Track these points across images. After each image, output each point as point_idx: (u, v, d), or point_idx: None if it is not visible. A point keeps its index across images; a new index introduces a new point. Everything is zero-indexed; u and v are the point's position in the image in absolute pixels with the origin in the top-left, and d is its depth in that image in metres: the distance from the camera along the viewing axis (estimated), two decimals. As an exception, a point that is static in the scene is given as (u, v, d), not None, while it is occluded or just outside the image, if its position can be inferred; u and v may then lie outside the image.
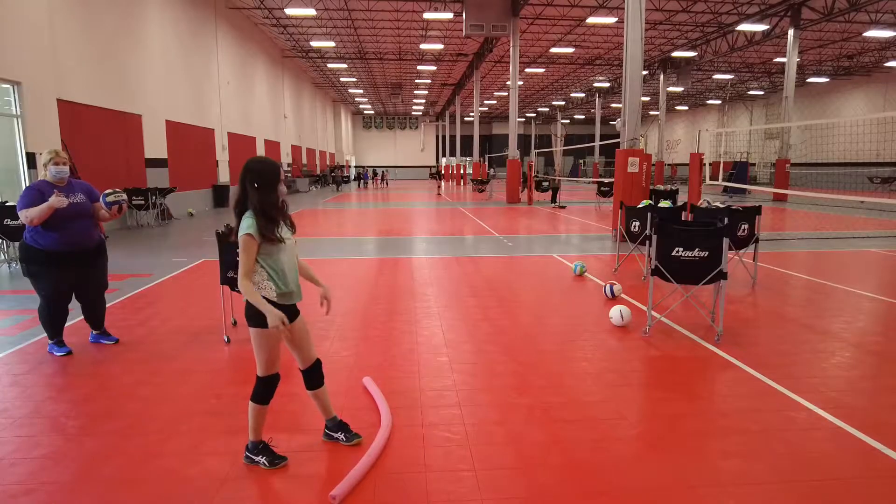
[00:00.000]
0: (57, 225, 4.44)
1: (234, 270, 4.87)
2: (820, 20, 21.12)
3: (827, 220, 15.70)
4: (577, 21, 23.60)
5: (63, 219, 4.45)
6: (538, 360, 4.64)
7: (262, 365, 2.92)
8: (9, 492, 2.79)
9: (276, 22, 24.81)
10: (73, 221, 4.54)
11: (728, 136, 39.48)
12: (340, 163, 49.37)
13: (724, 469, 3.00)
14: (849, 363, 4.60)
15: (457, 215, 17.89)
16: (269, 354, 2.90)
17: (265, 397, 2.97)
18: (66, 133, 11.33)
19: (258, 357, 2.91)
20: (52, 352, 4.75)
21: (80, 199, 4.60)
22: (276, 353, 2.93)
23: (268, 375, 2.94)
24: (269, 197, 2.82)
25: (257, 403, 2.96)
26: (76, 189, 4.64)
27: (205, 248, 10.39)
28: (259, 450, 3.01)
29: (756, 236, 7.26)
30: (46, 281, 4.57)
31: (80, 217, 4.59)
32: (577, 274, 7.95)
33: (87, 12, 12.61)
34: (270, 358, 2.92)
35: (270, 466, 2.97)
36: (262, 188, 2.81)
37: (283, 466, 2.99)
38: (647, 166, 11.74)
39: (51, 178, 4.49)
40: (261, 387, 2.95)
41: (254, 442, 3.02)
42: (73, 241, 4.57)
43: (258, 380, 2.95)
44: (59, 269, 4.57)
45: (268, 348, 2.89)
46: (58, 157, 4.49)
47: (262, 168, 2.84)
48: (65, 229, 4.49)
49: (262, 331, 2.82)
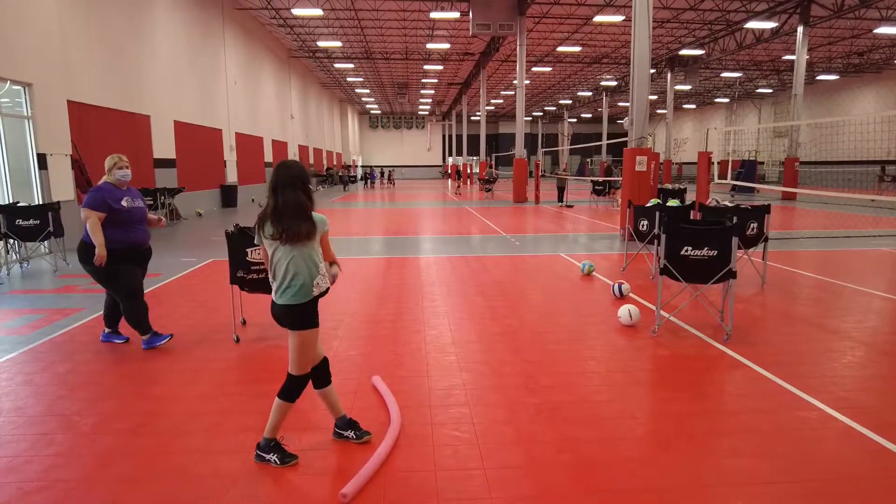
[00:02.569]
0: (128, 226, 4.76)
1: (243, 270, 4.91)
2: (829, 17, 20.96)
3: (837, 218, 15.59)
4: (584, 19, 23.53)
5: (132, 220, 4.79)
6: (546, 359, 4.64)
7: (300, 365, 3.02)
8: (24, 489, 2.83)
9: (282, 22, 24.89)
10: (141, 223, 4.89)
11: (736, 134, 39.22)
12: (347, 162, 49.47)
13: (733, 468, 3.00)
14: (859, 362, 4.57)
15: (463, 215, 17.89)
16: (311, 355, 3.04)
17: (295, 395, 3.04)
18: (76, 134, 11.42)
19: (298, 359, 3.01)
20: (155, 344, 4.87)
21: (142, 204, 4.93)
22: (315, 353, 3.07)
23: (303, 374, 3.04)
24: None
25: (285, 400, 3.03)
26: (135, 193, 4.92)
27: (214, 248, 10.45)
28: (271, 447, 3.04)
29: (765, 235, 7.22)
30: (127, 276, 4.81)
31: (143, 220, 4.93)
32: (585, 273, 7.93)
33: (96, 14, 12.71)
34: (310, 359, 3.05)
35: (281, 464, 3.00)
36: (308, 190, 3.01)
37: (294, 465, 3.01)
38: (654, 165, 11.69)
39: (114, 181, 4.75)
40: (294, 384, 3.03)
41: (267, 439, 3.05)
42: (141, 239, 4.88)
43: (291, 378, 3.03)
44: (134, 264, 4.86)
45: (310, 350, 3.02)
46: (121, 161, 4.78)
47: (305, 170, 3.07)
48: (135, 230, 4.81)
49: (310, 332, 2.99)
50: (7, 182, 9.65)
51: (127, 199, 4.75)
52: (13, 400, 3.87)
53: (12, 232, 8.21)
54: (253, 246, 4.87)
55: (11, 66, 9.30)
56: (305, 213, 2.92)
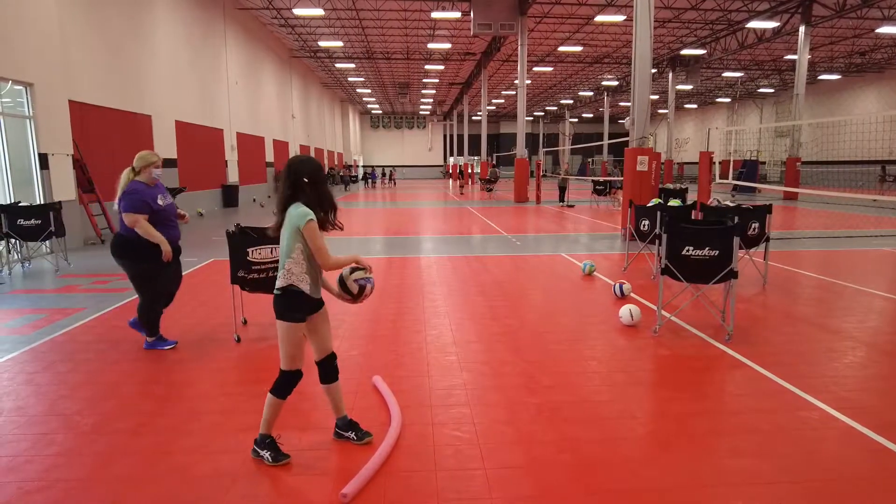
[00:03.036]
0: (165, 224, 4.77)
1: (244, 269, 4.90)
2: (831, 16, 20.92)
3: (838, 218, 15.56)
4: (586, 19, 23.51)
5: (168, 218, 4.81)
6: (547, 359, 4.63)
7: (285, 359, 3.00)
8: (24, 488, 2.83)
9: (284, 22, 24.90)
10: (174, 220, 4.90)
11: (738, 134, 39.19)
12: (348, 162, 49.47)
13: (734, 468, 2.99)
14: (861, 363, 4.56)
15: (464, 214, 17.89)
16: (292, 348, 2.98)
17: (284, 391, 3.03)
18: (78, 134, 11.43)
19: (282, 350, 2.99)
20: (158, 347, 4.87)
21: (171, 199, 4.94)
22: (299, 348, 3.00)
23: (290, 370, 3.01)
24: (324, 189, 2.99)
25: (275, 396, 3.03)
26: (163, 189, 4.92)
27: (215, 248, 10.45)
28: (266, 444, 3.05)
29: (767, 235, 7.21)
30: (163, 284, 4.85)
31: (175, 216, 4.94)
32: (586, 273, 7.92)
33: (97, 14, 12.72)
34: (293, 352, 2.99)
35: (273, 462, 3.00)
36: (317, 183, 2.96)
37: (286, 464, 3.01)
38: (656, 165, 11.68)
39: (146, 179, 4.72)
40: (282, 380, 3.02)
41: (262, 435, 3.06)
42: (176, 236, 4.90)
43: (280, 373, 3.02)
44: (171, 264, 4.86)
45: (291, 342, 2.97)
46: (158, 161, 4.83)
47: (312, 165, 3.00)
48: (171, 227, 4.83)
49: (289, 325, 2.94)
50: (9, 182, 9.66)
51: (160, 197, 4.75)
52: (14, 399, 3.87)
53: (14, 231, 8.22)
54: (255, 245, 4.86)
55: (12, 66, 9.31)
56: (281, 205, 2.97)
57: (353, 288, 3.10)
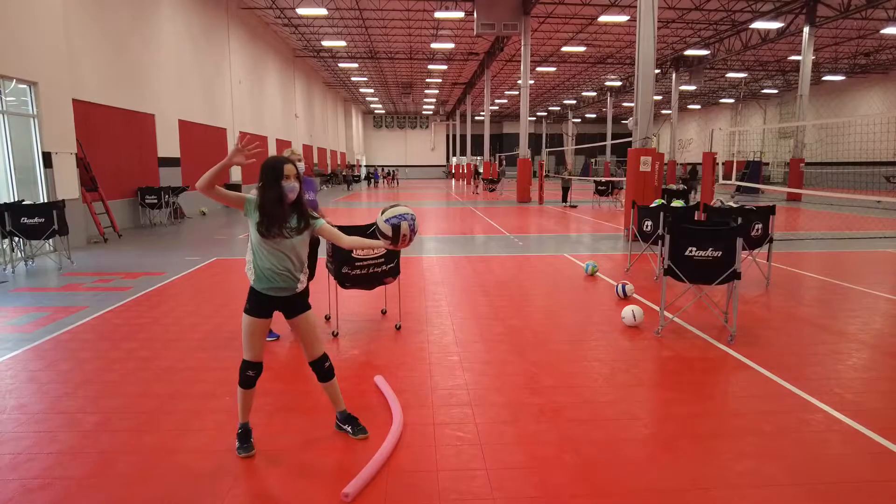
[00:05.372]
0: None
1: (347, 266, 5.00)
2: (836, 17, 20.85)
3: (842, 220, 15.51)
4: (589, 19, 23.47)
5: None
6: (550, 359, 4.62)
7: (244, 348, 3.11)
8: (27, 486, 2.83)
9: (287, 22, 24.92)
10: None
11: (741, 135, 39.07)
12: (351, 161, 49.50)
13: (737, 470, 2.98)
14: (864, 364, 4.54)
15: (467, 214, 17.88)
16: (247, 339, 3.09)
17: (241, 380, 3.12)
18: (81, 133, 11.45)
19: (243, 340, 3.11)
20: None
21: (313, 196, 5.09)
22: (255, 339, 3.09)
23: (245, 360, 3.11)
24: (268, 193, 2.93)
25: (239, 385, 3.13)
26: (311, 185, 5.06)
27: (217, 247, 10.46)
28: (238, 434, 3.15)
29: (770, 236, 7.19)
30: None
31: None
32: (589, 273, 7.91)
33: (101, 13, 12.75)
34: (248, 342, 3.09)
35: (238, 453, 3.10)
36: (262, 186, 2.95)
37: (250, 457, 3.07)
38: (659, 165, 11.66)
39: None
40: (241, 369, 3.12)
41: (239, 424, 3.17)
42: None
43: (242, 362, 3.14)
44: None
45: (245, 332, 3.08)
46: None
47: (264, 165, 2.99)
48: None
49: (245, 317, 3.07)
50: (12, 180, 9.68)
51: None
52: (17, 397, 3.88)
53: (17, 230, 8.24)
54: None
55: (17, 64, 9.33)
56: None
57: (386, 230, 2.95)
